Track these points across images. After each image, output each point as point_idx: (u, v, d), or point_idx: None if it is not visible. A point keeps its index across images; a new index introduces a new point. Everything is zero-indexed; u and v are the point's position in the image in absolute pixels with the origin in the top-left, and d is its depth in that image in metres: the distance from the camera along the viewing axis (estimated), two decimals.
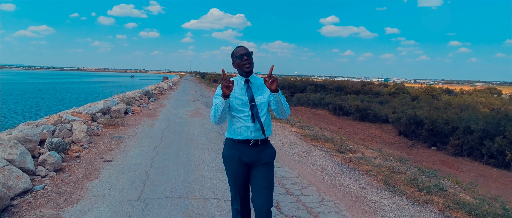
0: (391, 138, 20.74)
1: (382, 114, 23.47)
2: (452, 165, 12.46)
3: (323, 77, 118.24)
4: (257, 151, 2.22)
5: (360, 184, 4.54)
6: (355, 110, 26.05)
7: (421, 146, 17.26)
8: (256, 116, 2.18)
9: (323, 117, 28.75)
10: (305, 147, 6.65)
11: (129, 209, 3.24)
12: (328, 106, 30.19)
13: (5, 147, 3.89)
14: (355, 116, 26.18)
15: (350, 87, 33.77)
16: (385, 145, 19.35)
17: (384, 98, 27.26)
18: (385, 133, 21.92)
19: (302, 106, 34.87)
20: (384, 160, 6.25)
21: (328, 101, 30.48)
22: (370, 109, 24.78)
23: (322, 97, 32.91)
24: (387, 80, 76.99)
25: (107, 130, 7.14)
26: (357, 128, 24.24)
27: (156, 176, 4.26)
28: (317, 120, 27.18)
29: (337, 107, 28.22)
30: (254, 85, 2.24)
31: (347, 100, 28.00)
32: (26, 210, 3.16)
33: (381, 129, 23.08)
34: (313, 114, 30.03)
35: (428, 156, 14.94)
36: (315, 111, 31.82)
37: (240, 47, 2.25)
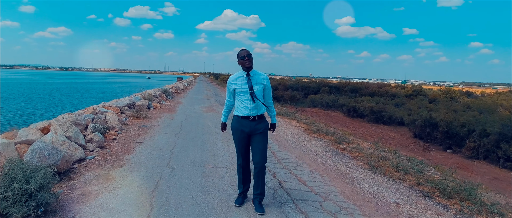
0: (406, 140, 21.28)
1: (397, 116, 23.89)
2: (467, 167, 13.03)
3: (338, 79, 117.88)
4: (254, 124, 3.37)
5: (347, 165, 5.60)
6: (369, 112, 26.56)
7: (436, 148, 17.76)
8: (254, 97, 3.33)
9: (336, 118, 29.45)
10: (306, 138, 7.73)
11: (160, 171, 4.46)
12: (342, 108, 30.78)
13: (63, 127, 5.20)
14: (370, 118, 26.69)
15: (365, 89, 34.24)
16: (399, 147, 19.94)
17: (400, 101, 27.68)
18: (399, 135, 22.47)
19: (316, 108, 35.61)
20: (377, 150, 7.25)
21: (342, 103, 31.04)
22: (385, 111, 25.24)
23: (336, 99, 33.48)
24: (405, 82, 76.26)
25: (134, 121, 8.46)
26: (371, 130, 24.83)
27: (179, 153, 5.48)
28: (331, 121, 27.91)
29: (351, 109, 28.80)
30: (253, 78, 3.38)
31: (361, 102, 28.53)
32: (84, 171, 4.43)
33: (396, 131, 23.63)
34: (327, 115, 30.75)
35: (442, 158, 15.48)
36: (329, 112, 32.51)
37: (243, 50, 3.41)
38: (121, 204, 3.38)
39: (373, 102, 27.95)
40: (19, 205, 2.84)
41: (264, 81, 3.39)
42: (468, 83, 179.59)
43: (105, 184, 3.93)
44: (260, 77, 3.40)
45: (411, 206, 3.95)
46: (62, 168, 4.20)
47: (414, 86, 41.58)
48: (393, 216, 3.63)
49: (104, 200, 3.48)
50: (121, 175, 4.28)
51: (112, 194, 3.65)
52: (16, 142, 4.55)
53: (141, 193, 3.70)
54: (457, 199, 4.24)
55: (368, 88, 34.77)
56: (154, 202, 3.47)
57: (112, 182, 4.00)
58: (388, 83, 62.60)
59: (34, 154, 4.01)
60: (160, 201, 3.49)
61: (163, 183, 4.03)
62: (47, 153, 4.06)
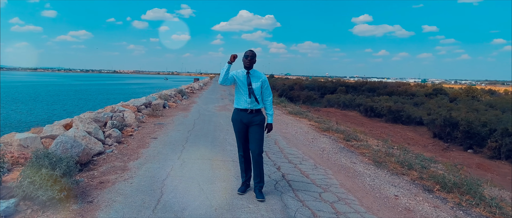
0: (425, 140, 20.99)
1: (416, 116, 23.59)
2: (488, 168, 12.81)
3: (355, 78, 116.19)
4: (251, 116, 3.71)
5: (352, 160, 5.80)
6: (387, 112, 26.30)
7: (456, 148, 17.46)
8: (252, 93, 3.66)
9: (353, 118, 29.27)
10: (315, 135, 7.94)
11: (172, 163, 4.84)
12: (359, 108, 30.58)
13: (84, 123, 5.66)
14: (388, 117, 26.43)
15: (383, 88, 33.83)
16: (418, 147, 19.74)
17: (419, 100, 27.24)
18: (418, 135, 22.17)
19: (332, 107, 35.47)
20: (387, 148, 7.37)
21: (359, 102, 30.83)
22: (404, 110, 24.95)
23: (353, 98, 33.25)
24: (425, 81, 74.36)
25: (150, 119, 8.94)
26: (389, 130, 24.59)
27: (190, 147, 5.85)
28: (347, 121, 27.79)
29: (369, 109, 28.58)
30: (252, 76, 3.72)
31: (379, 102, 28.24)
32: (103, 163, 4.85)
33: (415, 131, 23.31)
34: (344, 115, 30.61)
35: (463, 159, 15.24)
36: (345, 112, 32.34)
37: (250, 50, 3.75)
38: (134, 191, 3.75)
39: (391, 101, 27.64)
40: (45, 188, 3.25)
41: (262, 80, 3.73)
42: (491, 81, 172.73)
43: (121, 174, 4.32)
44: (259, 76, 3.75)
45: (409, 198, 4.12)
46: (83, 160, 4.64)
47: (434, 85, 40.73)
48: (389, 206, 3.83)
49: (120, 187, 3.86)
50: (136, 166, 4.67)
51: (127, 182, 4.03)
52: (41, 137, 5.03)
53: (153, 181, 4.07)
54: (457, 193, 4.38)
55: (386, 88, 34.33)
56: (164, 189, 3.82)
57: (128, 172, 4.39)
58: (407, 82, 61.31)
59: (58, 146, 4.45)
60: (170, 188, 3.84)
61: (174, 173, 4.39)
62: (69, 145, 4.49)
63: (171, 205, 3.41)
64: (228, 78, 3.64)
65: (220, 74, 3.64)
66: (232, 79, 3.68)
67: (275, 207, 3.48)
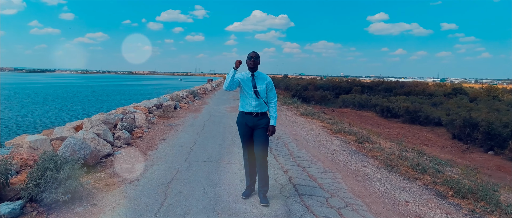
0: (444, 141, 20.44)
1: (434, 116, 23.05)
2: (509, 170, 12.36)
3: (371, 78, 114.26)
4: (256, 119, 3.66)
5: (363, 163, 5.66)
6: (404, 112, 25.79)
7: (476, 150, 16.93)
8: (257, 96, 3.61)
9: (369, 119, 28.78)
10: (326, 137, 7.82)
11: (178, 166, 4.84)
12: (375, 108, 30.10)
13: (94, 125, 5.75)
14: (405, 118, 25.90)
15: (400, 88, 33.14)
16: (436, 149, 19.24)
17: (438, 100, 26.55)
18: (437, 136, 21.60)
19: (347, 108, 34.99)
20: (401, 150, 7.18)
21: (375, 103, 30.34)
22: (421, 111, 24.41)
23: (369, 98, 32.74)
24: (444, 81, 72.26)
25: (161, 120, 9.02)
26: (406, 130, 24.06)
27: (198, 149, 5.86)
28: (363, 122, 27.35)
29: (385, 109, 28.07)
30: (257, 78, 3.68)
31: (396, 102, 27.69)
32: (110, 165, 4.91)
33: (433, 132, 22.72)
34: (359, 116, 30.15)
35: (483, 160, 14.77)
36: (361, 113, 31.85)
37: (253, 52, 3.70)
38: (139, 194, 3.76)
39: (409, 102, 27.07)
40: (50, 191, 3.30)
41: (266, 82, 3.68)
42: None
43: (128, 176, 4.35)
44: (263, 78, 3.70)
45: (420, 205, 3.98)
46: (91, 162, 4.70)
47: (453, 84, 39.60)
48: (399, 213, 3.70)
49: (125, 189, 3.89)
50: (143, 169, 4.69)
51: (133, 184, 4.05)
52: (51, 138, 5.14)
53: (158, 184, 4.08)
54: (471, 199, 4.20)
55: (403, 87, 33.62)
56: (168, 192, 3.82)
57: (134, 175, 4.42)
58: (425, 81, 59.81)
59: (67, 148, 4.53)
60: (174, 192, 3.83)
61: (179, 176, 4.39)
62: (77, 147, 4.57)
63: (174, 209, 3.40)
64: (234, 83, 3.60)
65: (225, 80, 3.61)
66: (237, 84, 3.64)
67: (279, 213, 3.42)
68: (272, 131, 3.70)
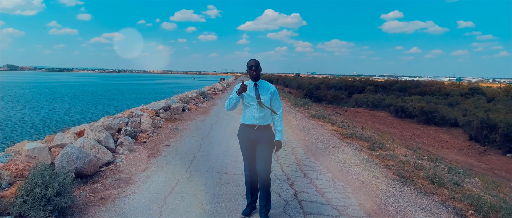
0: (460, 143, 19.69)
1: (450, 117, 22.33)
2: None
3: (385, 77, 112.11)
4: (259, 133, 3.32)
5: (375, 175, 5.27)
6: (419, 112, 25.09)
7: (494, 152, 16.24)
8: (262, 107, 3.29)
9: (383, 119, 28.07)
10: (337, 143, 7.42)
11: (179, 177, 4.58)
12: (389, 108, 29.41)
13: (95, 132, 5.55)
14: (420, 118, 25.21)
15: (414, 87, 32.19)
16: (452, 151, 18.56)
17: (454, 100, 25.63)
18: (453, 137, 20.84)
19: (360, 108, 34.30)
20: (416, 158, 6.72)
21: (389, 102, 29.63)
22: (437, 111, 23.68)
23: (383, 98, 32.00)
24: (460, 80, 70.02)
25: (167, 123, 8.81)
26: (421, 131, 23.34)
27: (201, 157, 5.58)
28: (376, 122, 26.70)
29: (399, 109, 27.37)
30: (260, 88, 3.34)
31: (410, 102, 26.93)
32: (109, 174, 4.68)
33: (449, 133, 21.93)
34: (372, 116, 29.45)
35: (501, 163, 14.12)
36: (374, 113, 31.14)
37: (252, 60, 3.36)
38: (133, 209, 3.51)
39: (424, 101, 26.29)
40: (38, 208, 3.07)
41: (271, 92, 3.34)
42: None
43: (124, 188, 4.11)
44: (267, 87, 3.37)
45: None
46: (88, 171, 4.48)
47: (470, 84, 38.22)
48: None
49: (119, 204, 3.64)
50: (141, 179, 4.45)
51: (128, 198, 3.80)
52: (51, 146, 4.95)
53: (154, 198, 3.81)
54: None
55: (418, 87, 32.63)
56: (164, 208, 3.55)
57: (131, 186, 4.18)
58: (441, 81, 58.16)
59: (64, 157, 4.32)
60: (170, 208, 3.56)
61: (178, 189, 4.12)
62: (75, 157, 4.35)
63: None
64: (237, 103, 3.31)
65: (228, 102, 3.30)
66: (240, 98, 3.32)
67: None
68: (277, 146, 3.35)
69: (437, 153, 16.75)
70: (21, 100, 33.57)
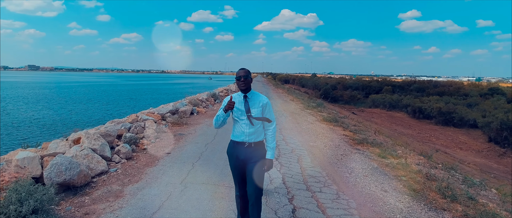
0: (479, 145, 18.84)
1: (469, 118, 21.44)
2: None
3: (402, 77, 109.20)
4: (250, 151, 2.96)
5: (384, 187, 4.84)
6: (437, 113, 24.23)
7: None
8: (252, 123, 2.93)
9: (400, 120, 27.21)
10: (346, 150, 7.00)
11: (171, 189, 4.31)
12: (406, 109, 28.54)
13: (90, 140, 5.36)
14: (438, 119, 24.34)
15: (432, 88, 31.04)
16: (471, 153, 17.73)
17: (473, 100, 24.51)
18: (472, 139, 19.96)
19: (377, 108, 33.43)
20: (429, 167, 6.23)
21: (406, 103, 28.73)
22: (456, 112, 22.78)
23: (400, 99, 31.07)
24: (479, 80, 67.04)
25: (173, 128, 8.60)
26: (439, 133, 22.48)
27: (200, 167, 5.31)
28: (393, 123, 25.90)
29: (417, 110, 26.52)
30: (251, 100, 2.98)
31: (428, 103, 26.00)
32: (101, 186, 4.48)
33: (468, 135, 21.03)
34: (389, 116, 28.62)
35: None
36: (391, 113, 30.27)
37: (241, 70, 3.02)
38: None
39: (442, 102, 25.31)
40: None
41: (262, 104, 2.98)
42: None
43: (112, 203, 3.88)
44: (259, 99, 3.00)
45: None
46: (78, 183, 4.28)
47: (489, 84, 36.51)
48: None
49: None
50: (132, 192, 4.21)
51: (114, 214, 3.57)
52: (44, 155, 4.80)
53: (141, 216, 3.55)
54: None
55: (436, 87, 31.45)
56: None
57: (120, 201, 3.94)
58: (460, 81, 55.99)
59: (53, 168, 4.13)
60: None
61: (168, 204, 3.85)
62: (64, 168, 4.16)
63: None
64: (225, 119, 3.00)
65: (215, 120, 3.01)
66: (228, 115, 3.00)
67: None
68: (268, 165, 2.98)
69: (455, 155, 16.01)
70: (41, 100, 34.48)
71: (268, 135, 3.03)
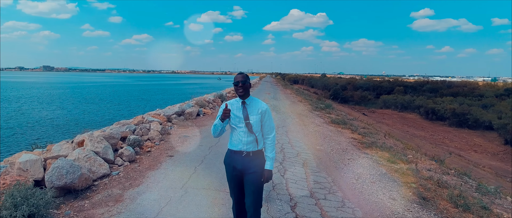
0: (495, 147, 18.33)
1: (485, 120, 20.86)
2: None
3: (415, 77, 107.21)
4: (248, 160, 2.79)
5: (392, 195, 4.65)
6: (451, 114, 23.68)
7: None
8: (251, 130, 2.78)
9: (412, 121, 26.69)
10: (354, 154, 6.81)
11: (172, 194, 4.23)
12: (418, 110, 27.99)
13: (94, 142, 5.33)
14: (451, 121, 23.79)
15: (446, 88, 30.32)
16: (486, 156, 17.22)
17: (489, 101, 23.82)
18: (487, 141, 19.44)
19: (389, 109, 32.89)
20: (441, 173, 6.00)
21: (419, 104, 28.17)
22: (470, 113, 22.20)
23: (412, 99, 30.47)
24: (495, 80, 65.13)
25: (179, 130, 8.55)
26: (453, 134, 21.95)
27: (202, 171, 5.21)
28: (405, 124, 25.41)
29: (430, 111, 25.97)
30: (250, 106, 2.81)
31: (442, 103, 25.41)
32: (102, 189, 4.42)
33: (483, 137, 20.48)
34: (401, 118, 28.10)
35: None
36: (403, 114, 29.73)
37: (239, 74, 2.85)
38: None
39: (456, 103, 24.71)
40: None
41: (261, 111, 2.81)
42: None
43: (111, 208, 3.82)
44: (257, 106, 2.82)
45: None
46: (79, 186, 4.24)
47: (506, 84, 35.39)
48: None
49: None
50: (132, 197, 4.15)
51: None
52: (47, 157, 4.78)
53: None
54: None
55: (450, 88, 30.71)
56: None
57: (119, 205, 3.88)
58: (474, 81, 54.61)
59: (54, 172, 4.10)
60: None
61: (166, 211, 3.76)
62: (65, 171, 4.12)
63: None
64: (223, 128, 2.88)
65: (213, 129, 2.88)
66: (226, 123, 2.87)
67: None
68: (267, 176, 2.80)
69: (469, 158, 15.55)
70: (55, 101, 35.12)
71: (267, 144, 2.86)
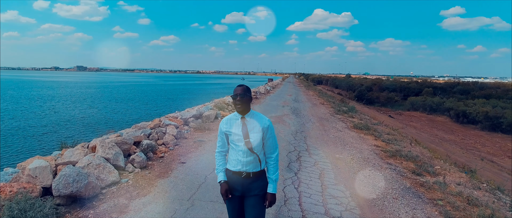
0: None
1: None
2: None
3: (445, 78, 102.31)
4: (248, 182, 2.50)
5: (415, 213, 4.20)
6: (483, 118, 22.28)
7: None
8: (251, 150, 2.47)
9: (442, 124, 25.39)
10: (376, 165, 6.34)
11: (177, 207, 4.02)
12: (448, 113, 26.57)
13: (105, 148, 5.24)
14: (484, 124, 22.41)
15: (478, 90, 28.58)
16: None
17: None
18: None
19: (417, 111, 31.52)
20: (471, 187, 5.42)
21: (449, 106, 26.74)
22: (504, 116, 20.79)
23: (442, 101, 28.99)
24: None
25: (195, 133, 8.40)
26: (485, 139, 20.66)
27: (211, 181, 4.97)
28: (434, 127, 24.16)
29: (460, 114, 24.56)
30: (250, 123, 2.49)
31: (473, 106, 23.96)
32: (109, 198, 4.29)
33: None
34: (430, 120, 26.82)
35: None
36: (432, 117, 28.37)
37: (238, 87, 2.52)
38: None
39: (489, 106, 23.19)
40: None
41: (263, 127, 2.48)
42: None
43: None
44: (260, 121, 2.50)
45: None
46: (86, 195, 4.14)
47: None
48: None
49: None
50: (137, 208, 3.98)
51: None
52: (58, 163, 4.72)
53: None
54: None
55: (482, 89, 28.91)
56: None
57: (123, 217, 3.71)
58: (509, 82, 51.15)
59: (61, 180, 4.01)
60: None
61: None
62: (71, 180, 4.02)
63: None
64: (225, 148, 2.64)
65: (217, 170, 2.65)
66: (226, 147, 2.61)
67: None
68: (270, 201, 2.51)
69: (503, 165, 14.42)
70: (87, 100, 36.47)
71: (269, 164, 2.55)
